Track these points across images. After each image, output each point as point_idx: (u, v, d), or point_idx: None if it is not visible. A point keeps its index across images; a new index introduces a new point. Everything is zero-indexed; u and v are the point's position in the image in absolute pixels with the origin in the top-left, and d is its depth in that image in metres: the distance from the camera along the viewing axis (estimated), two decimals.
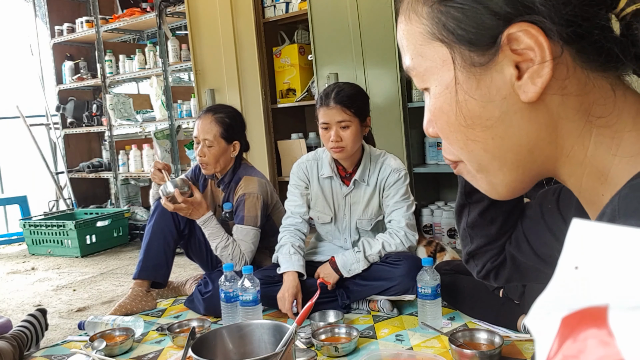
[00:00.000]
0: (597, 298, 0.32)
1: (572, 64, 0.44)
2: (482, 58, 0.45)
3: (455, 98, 0.48)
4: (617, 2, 0.43)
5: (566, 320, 0.32)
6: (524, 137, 0.47)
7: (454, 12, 0.46)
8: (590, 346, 0.29)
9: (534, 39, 0.43)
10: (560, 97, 0.45)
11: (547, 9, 0.42)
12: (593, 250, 0.33)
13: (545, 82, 0.44)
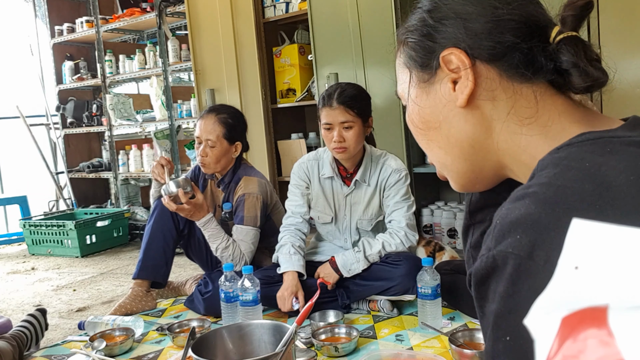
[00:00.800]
0: (597, 298, 0.32)
1: (499, 78, 0.58)
2: (428, 76, 0.62)
3: (415, 108, 0.65)
4: (549, 34, 0.57)
5: (566, 320, 0.32)
6: (463, 134, 0.60)
7: (412, 45, 0.63)
8: (590, 346, 0.29)
9: (459, 59, 0.58)
10: (491, 103, 0.58)
11: (470, 40, 0.58)
12: (593, 251, 0.34)
13: (469, 91, 0.58)
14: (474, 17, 0.59)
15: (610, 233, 0.34)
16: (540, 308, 0.35)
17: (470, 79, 0.58)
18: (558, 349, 0.32)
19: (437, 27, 0.61)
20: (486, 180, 0.62)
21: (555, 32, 0.58)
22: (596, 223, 0.34)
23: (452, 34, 0.59)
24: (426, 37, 0.62)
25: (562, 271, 0.35)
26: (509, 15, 0.58)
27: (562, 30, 0.58)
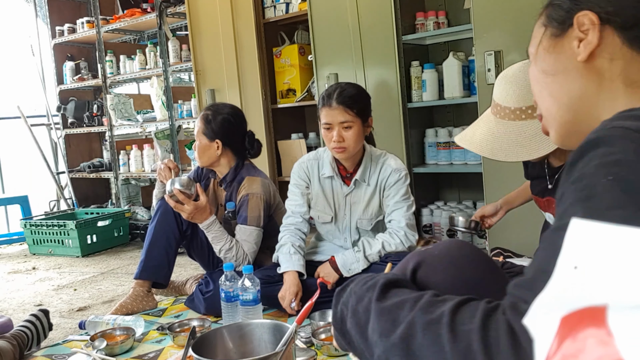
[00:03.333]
0: (596, 298, 0.32)
1: (621, 44, 0.65)
2: (560, 32, 0.70)
3: (540, 56, 0.73)
4: None
5: (565, 319, 0.32)
6: (576, 86, 0.68)
7: (557, 5, 0.72)
8: (590, 345, 0.30)
9: (590, 21, 0.66)
10: (608, 64, 0.66)
11: (608, 7, 0.65)
12: (592, 251, 0.34)
13: (592, 47, 0.65)
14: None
15: (610, 233, 0.35)
16: (540, 307, 0.35)
17: (596, 37, 0.65)
18: (557, 348, 0.32)
19: None
20: (583, 135, 0.63)
21: None
22: (596, 223, 0.34)
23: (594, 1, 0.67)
24: (571, 1, 0.69)
25: (561, 271, 0.35)
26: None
27: None
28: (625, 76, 0.65)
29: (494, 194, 2.28)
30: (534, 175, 1.62)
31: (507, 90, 1.34)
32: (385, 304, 0.64)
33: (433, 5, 2.96)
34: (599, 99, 0.66)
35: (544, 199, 1.58)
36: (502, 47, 2.35)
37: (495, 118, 1.37)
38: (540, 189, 1.59)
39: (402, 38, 2.73)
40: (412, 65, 2.82)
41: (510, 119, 1.34)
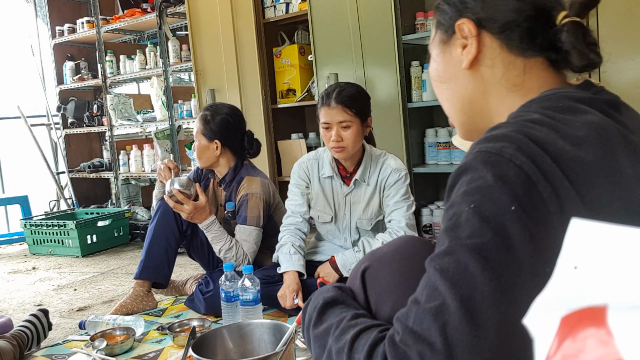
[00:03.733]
0: (596, 298, 0.32)
1: (500, 49, 0.69)
2: (447, 38, 0.74)
3: (433, 64, 0.77)
4: (555, 16, 0.66)
5: (565, 319, 0.32)
6: (465, 92, 0.73)
7: (440, 10, 0.75)
8: (590, 345, 0.30)
9: (468, 29, 0.70)
10: (490, 69, 0.70)
11: (483, 14, 0.70)
12: (592, 251, 0.34)
13: (472, 56, 0.70)
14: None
15: (610, 233, 0.35)
16: (539, 307, 0.35)
17: (474, 47, 0.70)
18: (557, 348, 0.32)
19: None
20: (482, 132, 0.68)
21: (562, 16, 0.66)
22: (596, 223, 0.34)
23: (470, 6, 0.71)
24: (450, 5, 0.74)
25: (561, 271, 0.35)
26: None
27: (568, 15, 0.66)
28: (506, 80, 0.69)
29: None
30: None
31: None
32: (318, 329, 0.70)
33: (433, 5, 2.95)
34: (488, 102, 0.71)
35: None
36: None
37: None
38: None
39: (402, 38, 2.73)
40: (412, 65, 2.82)
41: None
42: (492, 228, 0.51)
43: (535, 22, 0.67)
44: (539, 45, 0.67)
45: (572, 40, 0.64)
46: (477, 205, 0.53)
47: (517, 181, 0.52)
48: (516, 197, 0.51)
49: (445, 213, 0.57)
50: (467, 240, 0.52)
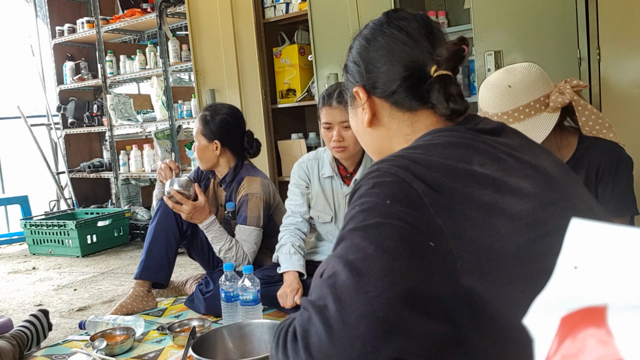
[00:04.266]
0: (596, 298, 0.32)
1: (390, 108, 0.83)
2: (352, 101, 0.89)
3: (351, 122, 0.92)
4: (429, 70, 0.79)
5: (565, 319, 0.32)
6: (374, 144, 0.88)
7: (345, 79, 0.90)
8: (590, 345, 0.30)
9: (360, 95, 0.85)
10: (386, 126, 0.85)
11: (370, 81, 0.83)
12: (592, 251, 0.34)
13: (368, 117, 0.85)
14: (375, 64, 0.82)
15: (610, 233, 0.35)
16: (539, 307, 0.35)
17: (367, 110, 0.85)
18: (557, 348, 0.32)
19: (353, 69, 0.87)
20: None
21: (433, 70, 0.78)
22: (595, 223, 0.34)
23: (361, 75, 0.84)
24: (348, 75, 0.88)
25: (561, 270, 0.35)
26: (396, 61, 0.80)
27: (437, 69, 0.78)
28: (399, 132, 0.83)
29: None
30: None
31: (486, 96, 1.41)
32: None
33: (433, 5, 2.96)
34: (394, 145, 0.84)
35: None
36: (502, 47, 2.35)
37: None
38: None
39: None
40: None
41: None
42: (373, 216, 0.66)
43: (413, 80, 0.79)
44: (421, 99, 0.80)
45: (436, 95, 0.78)
46: (362, 205, 0.68)
47: (391, 184, 0.67)
48: (390, 194, 0.66)
49: (345, 217, 0.72)
50: (354, 227, 0.67)
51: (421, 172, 0.68)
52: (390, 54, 0.80)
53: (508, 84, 1.37)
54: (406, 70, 0.79)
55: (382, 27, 0.83)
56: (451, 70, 0.78)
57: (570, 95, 1.36)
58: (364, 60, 0.83)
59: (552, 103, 1.35)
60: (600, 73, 2.11)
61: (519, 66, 1.41)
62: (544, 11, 2.20)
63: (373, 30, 0.84)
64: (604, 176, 1.38)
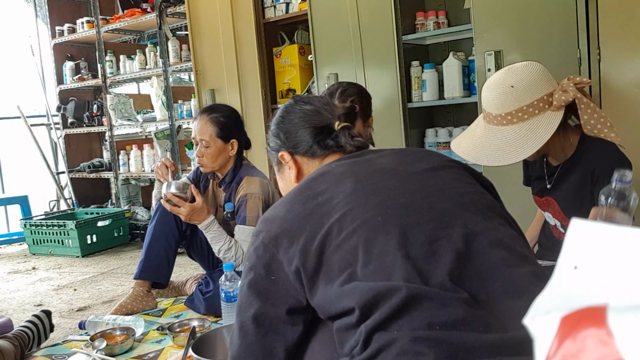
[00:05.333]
0: (597, 298, 0.32)
1: (308, 160, 1.09)
2: (279, 167, 1.14)
3: (279, 181, 1.17)
4: (334, 126, 1.09)
5: (565, 319, 0.32)
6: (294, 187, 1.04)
7: (270, 147, 1.17)
8: (590, 345, 0.30)
9: (285, 157, 1.11)
10: (303, 174, 1.09)
11: (291, 145, 1.10)
12: (592, 251, 0.34)
13: (294, 173, 1.09)
14: (293, 131, 1.09)
15: (610, 233, 0.35)
16: (540, 307, 0.35)
17: (292, 167, 1.10)
18: (557, 348, 0.32)
19: (274, 142, 1.12)
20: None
21: (337, 125, 1.08)
22: (595, 223, 0.34)
23: (282, 142, 1.10)
24: (271, 147, 1.13)
25: (561, 271, 0.35)
26: (308, 125, 1.08)
27: (340, 123, 1.08)
28: (309, 172, 1.08)
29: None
30: (533, 175, 1.63)
31: (489, 97, 1.40)
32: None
33: (433, 5, 2.96)
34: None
35: (542, 198, 1.58)
36: (502, 47, 2.35)
37: (484, 123, 1.42)
38: (539, 188, 1.59)
39: (402, 38, 2.73)
40: (412, 65, 2.82)
41: (494, 124, 1.38)
42: (251, 271, 0.91)
43: (323, 135, 1.07)
44: (331, 147, 1.07)
45: (343, 139, 1.07)
46: (248, 265, 0.93)
47: (259, 248, 0.90)
48: (258, 257, 0.90)
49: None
50: (244, 279, 0.93)
51: (276, 237, 0.90)
52: (303, 121, 1.08)
53: (510, 83, 1.36)
54: (315, 130, 1.07)
55: (293, 106, 1.11)
56: (349, 122, 1.11)
57: (574, 93, 1.35)
58: (283, 131, 1.10)
59: (555, 101, 1.34)
60: (600, 73, 2.11)
61: (520, 65, 1.40)
62: (544, 11, 2.20)
63: (285, 110, 1.12)
64: (600, 178, 1.38)
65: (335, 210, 0.86)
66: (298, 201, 0.91)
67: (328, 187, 0.91)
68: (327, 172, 0.96)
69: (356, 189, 0.89)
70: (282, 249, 0.86)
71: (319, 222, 0.85)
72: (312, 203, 0.89)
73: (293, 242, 0.85)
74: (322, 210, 0.87)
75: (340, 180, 0.92)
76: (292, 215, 0.89)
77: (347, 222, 0.84)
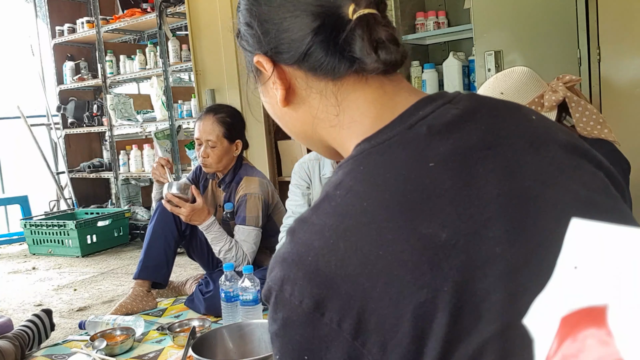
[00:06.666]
0: (597, 298, 0.32)
1: (306, 78, 0.59)
2: (259, 77, 0.64)
3: (264, 103, 0.69)
4: (347, 17, 0.55)
5: (566, 319, 0.32)
6: (295, 127, 0.65)
7: (243, 49, 0.65)
8: (590, 345, 0.30)
9: (264, 65, 0.60)
10: (305, 104, 0.61)
11: (270, 45, 0.59)
12: (592, 250, 0.34)
13: (281, 94, 0.60)
14: (272, 20, 0.58)
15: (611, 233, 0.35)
16: (539, 307, 0.35)
17: (278, 84, 0.60)
18: (557, 348, 0.32)
19: (245, 32, 0.62)
20: (334, 156, 0.67)
21: (351, 12, 0.55)
22: (595, 223, 0.34)
23: (257, 39, 0.60)
24: (244, 42, 0.63)
25: (561, 270, 0.35)
26: (299, 10, 0.56)
27: (356, 9, 0.55)
28: (324, 111, 0.60)
29: None
30: None
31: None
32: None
33: (433, 5, 2.95)
34: (321, 136, 0.62)
35: None
36: (502, 47, 2.35)
37: None
38: None
39: (402, 38, 2.73)
40: (412, 65, 2.82)
41: None
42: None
43: (327, 31, 0.56)
44: (344, 56, 0.56)
45: (360, 44, 0.55)
46: (277, 346, 0.52)
47: (300, 323, 0.49)
48: (303, 341, 0.49)
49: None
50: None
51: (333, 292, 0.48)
52: (290, 2, 0.57)
53: (500, 91, 1.37)
54: (316, 20, 0.56)
55: None
56: (376, 7, 0.56)
57: (564, 92, 1.35)
58: (257, 18, 0.59)
59: (546, 102, 1.35)
60: (600, 73, 2.11)
61: (508, 71, 1.41)
62: (544, 11, 2.20)
63: None
64: None
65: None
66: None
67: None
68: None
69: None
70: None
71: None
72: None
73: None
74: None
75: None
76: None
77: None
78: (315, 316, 0.48)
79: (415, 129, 0.53)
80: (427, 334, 0.45)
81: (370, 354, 0.46)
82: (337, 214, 0.50)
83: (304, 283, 0.48)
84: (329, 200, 0.51)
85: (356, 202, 0.49)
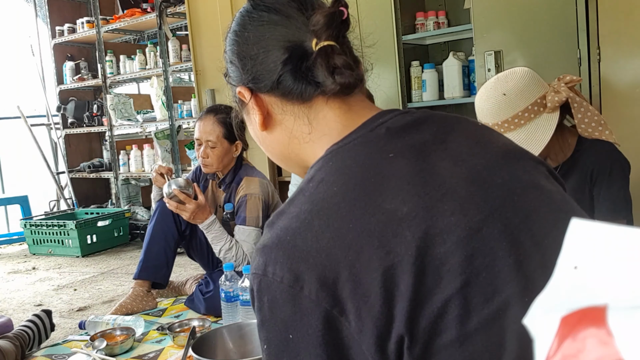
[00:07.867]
0: (596, 298, 0.32)
1: (280, 104, 0.68)
2: (244, 108, 0.72)
3: (249, 128, 0.76)
4: (311, 49, 0.64)
5: (565, 319, 0.32)
6: (274, 149, 0.73)
7: (228, 82, 0.75)
8: (589, 345, 0.30)
9: (244, 95, 0.70)
10: (280, 126, 0.69)
11: (248, 77, 0.68)
12: (592, 250, 0.34)
13: (259, 119, 0.69)
14: (250, 56, 0.68)
15: (610, 232, 0.35)
16: (539, 307, 0.35)
17: (256, 110, 0.69)
18: (557, 348, 0.32)
19: (231, 71, 0.72)
20: (304, 167, 0.74)
21: (314, 44, 0.64)
22: (595, 223, 0.34)
23: (237, 73, 0.71)
24: (230, 79, 0.73)
25: (561, 271, 0.35)
26: (271, 46, 0.66)
27: (318, 42, 0.64)
28: (298, 130, 0.68)
29: None
30: None
31: (483, 108, 1.43)
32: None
33: (433, 5, 2.96)
34: (297, 155, 0.70)
35: None
36: (502, 47, 2.35)
37: None
38: None
39: (402, 38, 2.73)
40: (412, 65, 2.82)
41: None
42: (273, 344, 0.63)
43: (294, 62, 0.65)
44: (310, 83, 0.65)
45: (320, 71, 0.64)
46: (266, 343, 0.62)
47: (283, 300, 0.55)
48: (287, 319, 0.55)
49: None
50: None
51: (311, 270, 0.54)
52: (263, 40, 0.67)
53: (502, 92, 1.37)
54: (285, 53, 0.65)
55: (250, 14, 0.70)
56: (335, 39, 0.65)
57: (566, 93, 1.35)
58: (237, 55, 0.70)
59: (549, 103, 1.35)
60: (600, 73, 2.11)
61: (509, 72, 1.41)
62: (544, 11, 2.20)
63: (241, 20, 0.71)
64: (599, 178, 1.38)
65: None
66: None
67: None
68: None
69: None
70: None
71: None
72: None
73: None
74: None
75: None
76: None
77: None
78: (295, 290, 0.53)
79: (376, 131, 0.62)
80: (395, 296, 0.51)
81: (348, 321, 0.52)
82: (310, 200, 0.57)
83: (284, 260, 0.54)
84: (302, 193, 0.59)
85: (327, 188, 0.57)
